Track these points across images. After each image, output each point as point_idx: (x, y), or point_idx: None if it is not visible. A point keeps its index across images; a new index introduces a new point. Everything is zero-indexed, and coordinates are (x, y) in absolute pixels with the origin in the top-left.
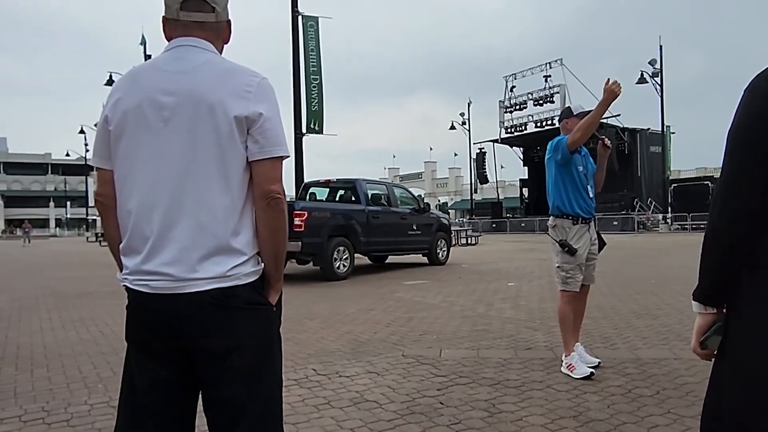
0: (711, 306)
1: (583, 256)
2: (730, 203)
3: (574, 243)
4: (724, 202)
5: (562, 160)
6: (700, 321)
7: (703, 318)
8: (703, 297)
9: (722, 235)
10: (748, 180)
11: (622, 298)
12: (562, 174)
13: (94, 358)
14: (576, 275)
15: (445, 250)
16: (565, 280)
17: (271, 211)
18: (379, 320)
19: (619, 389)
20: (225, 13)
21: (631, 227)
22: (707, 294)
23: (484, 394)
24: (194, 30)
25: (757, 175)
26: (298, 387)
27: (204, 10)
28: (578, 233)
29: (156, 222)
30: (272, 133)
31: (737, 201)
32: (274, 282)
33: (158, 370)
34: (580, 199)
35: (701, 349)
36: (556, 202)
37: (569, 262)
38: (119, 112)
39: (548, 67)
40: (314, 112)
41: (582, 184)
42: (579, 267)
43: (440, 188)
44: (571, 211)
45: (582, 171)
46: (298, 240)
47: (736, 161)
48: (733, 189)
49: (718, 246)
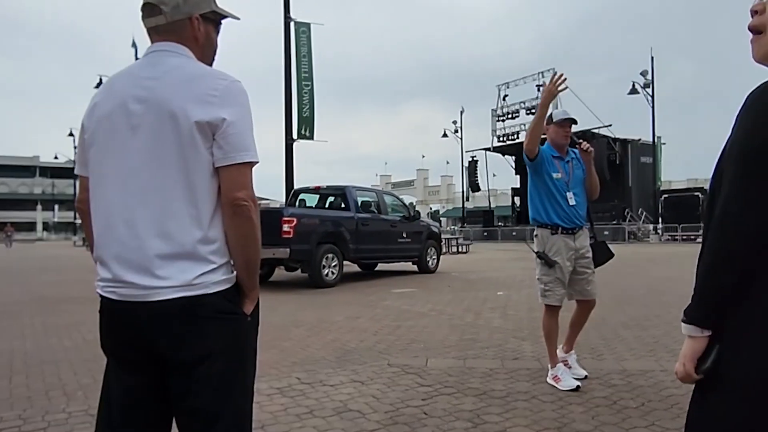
0: (708, 328)
1: (566, 269)
2: (749, 225)
3: (552, 255)
4: (742, 222)
5: (530, 169)
6: (695, 345)
7: (698, 342)
8: (702, 319)
9: (738, 257)
10: (763, 202)
11: (611, 308)
12: (536, 183)
13: (75, 366)
14: (555, 289)
15: (435, 258)
16: (544, 292)
17: (238, 219)
18: (366, 328)
19: (605, 400)
20: (179, 11)
21: (622, 237)
22: (709, 315)
23: (468, 405)
24: (155, 35)
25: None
26: (281, 396)
27: (153, 14)
28: (557, 245)
29: (121, 231)
30: (237, 138)
31: (756, 222)
32: (248, 290)
33: (131, 380)
34: (557, 206)
35: (698, 375)
36: (533, 212)
37: (548, 274)
38: (94, 119)
39: (541, 77)
40: (305, 118)
41: (559, 191)
42: (559, 281)
43: (432, 196)
44: (548, 221)
45: (560, 177)
46: (287, 246)
47: (750, 183)
48: (752, 209)
49: (731, 267)
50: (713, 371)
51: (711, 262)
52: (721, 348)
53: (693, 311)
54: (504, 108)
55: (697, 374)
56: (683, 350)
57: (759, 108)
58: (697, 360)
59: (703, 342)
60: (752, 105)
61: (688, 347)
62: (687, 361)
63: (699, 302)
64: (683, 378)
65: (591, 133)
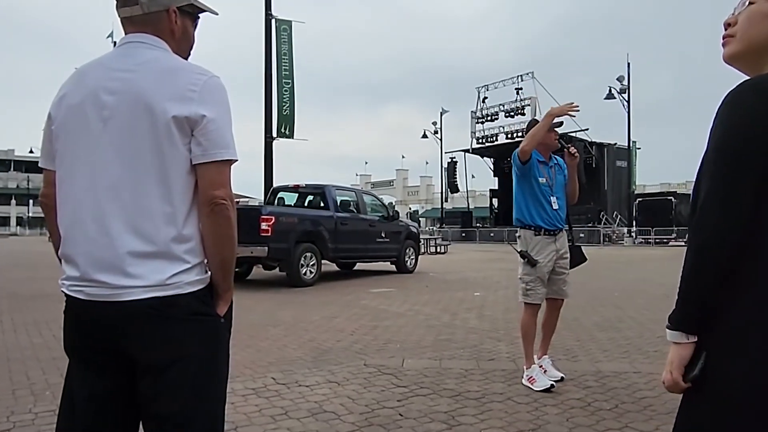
0: (695, 334)
1: (546, 268)
2: (725, 224)
3: (535, 254)
4: (719, 222)
5: (518, 172)
6: (681, 352)
7: (684, 348)
8: (687, 324)
9: (721, 257)
10: (743, 199)
11: (585, 310)
12: (522, 185)
13: (44, 364)
14: (537, 288)
15: (414, 259)
16: (526, 291)
17: (216, 218)
18: (343, 328)
19: (579, 402)
20: (154, 3)
21: (597, 240)
22: (694, 320)
23: (444, 406)
24: (129, 26)
25: (750, 195)
26: (256, 396)
27: (129, 4)
28: (540, 245)
29: (90, 227)
30: (216, 134)
31: (733, 221)
32: (223, 292)
33: (97, 381)
34: (542, 210)
35: (686, 383)
36: (517, 213)
37: (530, 273)
38: (62, 110)
39: (520, 80)
40: (285, 116)
41: (544, 195)
42: (540, 280)
43: (411, 196)
44: (531, 223)
45: (545, 182)
46: (265, 245)
47: (729, 179)
48: (728, 209)
49: (711, 268)
50: (701, 378)
51: (693, 264)
52: (709, 353)
53: (677, 316)
54: (483, 110)
55: (684, 382)
56: (669, 357)
57: (736, 106)
58: (685, 367)
59: (690, 348)
60: (730, 104)
61: (674, 354)
62: (674, 369)
63: (683, 306)
64: (671, 387)
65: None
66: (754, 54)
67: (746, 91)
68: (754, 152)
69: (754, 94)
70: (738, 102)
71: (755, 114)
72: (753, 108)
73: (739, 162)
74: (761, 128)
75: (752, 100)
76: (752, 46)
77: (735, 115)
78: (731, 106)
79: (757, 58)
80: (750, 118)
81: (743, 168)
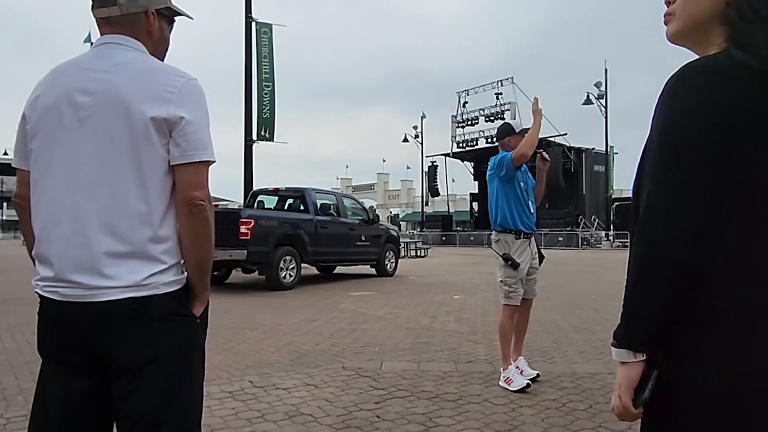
0: (643, 352)
1: (525, 270)
2: (676, 224)
3: (516, 257)
4: (669, 222)
5: (506, 176)
6: (629, 372)
7: (633, 368)
8: (636, 341)
9: (673, 263)
10: (696, 194)
11: (563, 312)
12: (506, 190)
13: (16, 369)
14: (518, 289)
15: (394, 262)
16: (508, 294)
17: (193, 219)
18: (322, 331)
19: (554, 403)
20: (133, 4)
21: (575, 243)
22: (646, 336)
23: (421, 408)
24: (105, 27)
25: (705, 189)
26: (233, 400)
27: (106, 5)
28: (520, 248)
29: (65, 227)
30: (195, 136)
31: (685, 220)
32: (199, 292)
33: (71, 383)
34: (523, 214)
35: (636, 408)
36: (500, 217)
37: (512, 276)
38: (37, 110)
39: (500, 85)
40: (265, 119)
41: (524, 199)
42: (521, 281)
43: (392, 200)
44: (513, 227)
45: (523, 187)
46: (244, 248)
47: (680, 172)
48: (680, 206)
49: (664, 272)
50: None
51: (639, 271)
52: (666, 371)
53: (622, 332)
54: (464, 115)
55: (635, 407)
56: (617, 379)
57: (682, 90)
58: (635, 390)
59: (639, 368)
60: (674, 88)
61: (621, 376)
62: (622, 393)
63: (629, 320)
64: (620, 414)
65: (547, 142)
66: (696, 31)
67: (691, 73)
68: (707, 139)
69: (701, 75)
70: (683, 85)
71: (705, 96)
72: (702, 90)
73: (690, 151)
74: (713, 111)
75: (699, 82)
76: (693, 23)
77: (682, 100)
78: (675, 91)
79: (700, 35)
80: (699, 102)
81: (696, 158)
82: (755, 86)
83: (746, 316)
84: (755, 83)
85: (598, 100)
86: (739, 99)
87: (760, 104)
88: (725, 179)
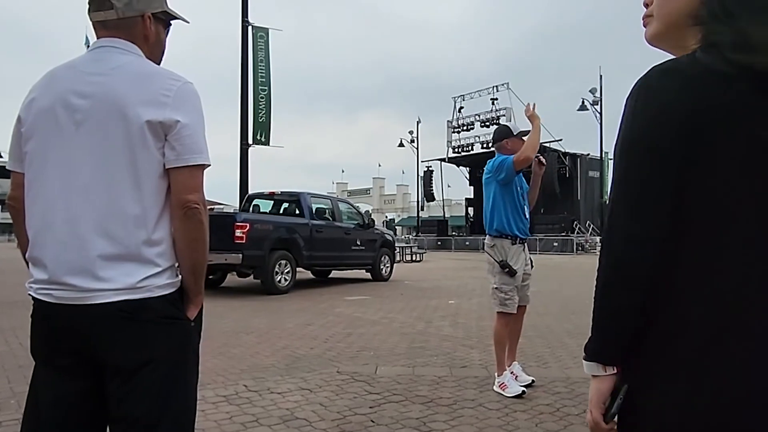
0: (612, 365)
1: (521, 276)
2: (639, 233)
3: (513, 264)
4: (632, 232)
5: (505, 180)
6: (599, 386)
7: (603, 382)
8: (605, 355)
9: (635, 271)
10: (659, 202)
11: (557, 317)
12: (503, 194)
13: (9, 372)
14: (514, 296)
15: (389, 266)
16: (504, 301)
17: (188, 222)
18: (317, 335)
19: (548, 408)
20: (131, 8)
21: (570, 249)
22: (613, 349)
23: (416, 412)
24: (102, 30)
25: (665, 192)
26: (227, 404)
27: (103, 8)
28: (515, 254)
29: (60, 230)
30: (190, 140)
31: (649, 230)
32: (193, 296)
33: (64, 386)
34: (519, 219)
35: (607, 422)
36: (496, 222)
37: (508, 283)
38: (32, 112)
39: (495, 90)
40: (261, 123)
41: (520, 204)
42: (516, 288)
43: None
44: (510, 232)
45: (520, 191)
46: (239, 252)
47: (642, 179)
48: (642, 215)
49: (626, 283)
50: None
51: (604, 283)
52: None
53: (592, 345)
54: (459, 120)
55: (605, 422)
56: (589, 393)
57: (644, 95)
58: (605, 405)
59: (609, 382)
60: (636, 93)
61: (592, 389)
62: (593, 408)
63: (595, 333)
64: (593, 429)
65: (543, 147)
66: (674, 32)
67: (655, 77)
68: (669, 144)
69: (663, 78)
70: (646, 90)
71: (667, 101)
72: (663, 93)
73: (650, 159)
74: (675, 115)
75: (661, 85)
76: (671, 24)
77: (643, 104)
78: (637, 96)
79: (678, 37)
80: (660, 107)
81: (655, 166)
82: (718, 90)
83: (712, 327)
84: (718, 87)
85: (593, 106)
86: (701, 104)
87: (722, 109)
88: (686, 187)
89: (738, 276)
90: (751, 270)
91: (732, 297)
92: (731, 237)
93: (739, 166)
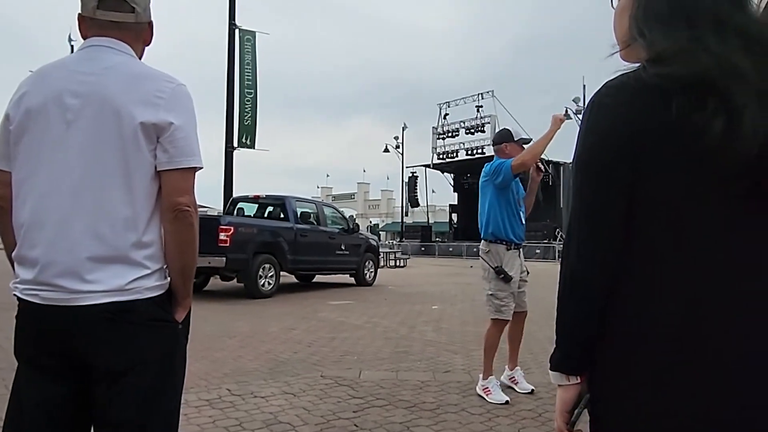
0: (576, 375)
1: (517, 282)
2: (593, 246)
3: (508, 270)
4: (582, 242)
5: (502, 184)
6: (563, 395)
7: (566, 391)
8: (566, 365)
9: (586, 283)
10: (610, 215)
11: (540, 324)
12: (499, 198)
13: None
14: (510, 303)
15: (373, 271)
16: (499, 308)
17: (179, 224)
18: (301, 340)
19: (530, 413)
20: (146, 14)
21: (553, 256)
22: (573, 359)
23: (399, 417)
24: (111, 30)
25: (618, 208)
26: (210, 408)
27: (122, 10)
28: (510, 259)
29: (49, 230)
30: (183, 142)
31: (601, 243)
32: (182, 298)
33: (48, 388)
34: (515, 224)
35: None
36: (492, 226)
37: (503, 289)
38: (22, 111)
39: (480, 98)
40: (247, 126)
41: (516, 209)
42: (512, 294)
43: (372, 210)
44: (505, 237)
45: (516, 197)
46: (223, 255)
47: (594, 194)
48: (595, 228)
49: (580, 294)
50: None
51: (563, 295)
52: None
53: (556, 355)
54: (444, 126)
55: (570, 431)
56: (556, 402)
57: (596, 111)
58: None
59: (573, 391)
60: (589, 109)
61: (557, 399)
62: (558, 415)
63: (559, 344)
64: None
65: None
66: (631, 52)
67: (605, 92)
68: (619, 160)
69: (613, 95)
70: (597, 106)
71: (615, 116)
72: (612, 110)
73: (602, 172)
74: (624, 130)
75: (610, 102)
76: (626, 45)
77: (594, 122)
78: (589, 112)
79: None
80: (609, 123)
81: (607, 179)
82: (661, 105)
83: (669, 338)
84: (661, 102)
85: (576, 115)
86: (646, 118)
87: (666, 123)
88: (637, 202)
89: (691, 288)
90: (704, 281)
91: (687, 308)
92: (683, 251)
93: (684, 181)
